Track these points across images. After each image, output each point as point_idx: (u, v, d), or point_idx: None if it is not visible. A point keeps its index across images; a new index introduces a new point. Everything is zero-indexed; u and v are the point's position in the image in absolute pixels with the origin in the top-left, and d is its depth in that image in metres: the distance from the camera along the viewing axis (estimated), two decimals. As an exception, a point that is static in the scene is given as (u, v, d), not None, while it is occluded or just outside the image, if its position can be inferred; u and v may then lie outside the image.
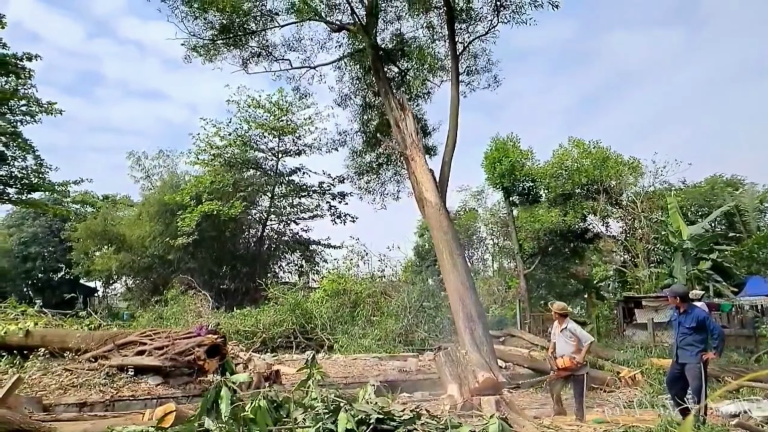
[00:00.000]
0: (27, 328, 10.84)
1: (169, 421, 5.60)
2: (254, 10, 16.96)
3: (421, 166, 11.60)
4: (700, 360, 7.56)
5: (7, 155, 22.07)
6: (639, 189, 24.42)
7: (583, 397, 8.39)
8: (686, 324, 7.80)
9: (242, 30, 17.48)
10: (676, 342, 8.01)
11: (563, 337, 8.75)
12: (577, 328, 8.63)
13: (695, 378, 7.59)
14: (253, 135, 29.00)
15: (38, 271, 39.31)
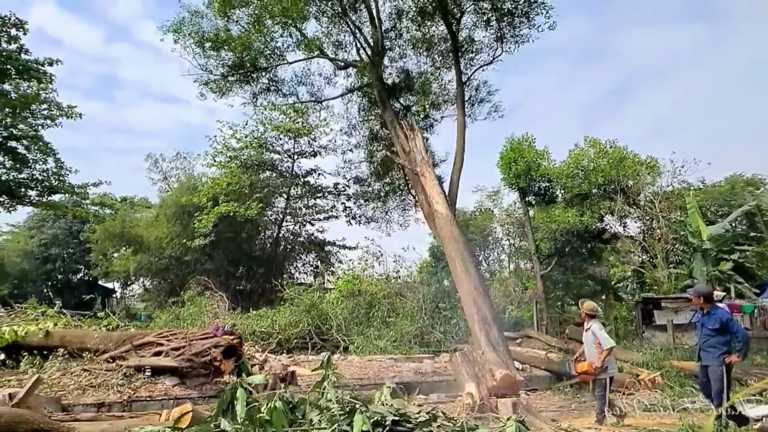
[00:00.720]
0: (47, 328, 10.97)
1: (185, 421, 5.61)
2: (264, 48, 17.38)
3: (431, 181, 12.15)
4: (723, 362, 7.41)
5: (28, 158, 22.39)
6: (657, 189, 24.09)
7: (604, 400, 8.22)
8: (709, 325, 7.66)
9: (252, 67, 17.81)
10: (699, 343, 7.86)
11: (586, 338, 8.63)
12: (599, 331, 8.40)
13: (717, 380, 7.45)
14: (269, 137, 29.12)
15: (58, 273, 39.84)
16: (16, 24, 19.94)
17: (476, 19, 17.90)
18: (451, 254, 11.16)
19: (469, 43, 18.18)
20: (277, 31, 17.12)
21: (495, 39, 17.74)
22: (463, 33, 18.03)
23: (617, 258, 27.77)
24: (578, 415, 9.64)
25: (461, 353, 10.63)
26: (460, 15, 17.19)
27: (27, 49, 20.58)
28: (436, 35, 18.37)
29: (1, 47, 20.07)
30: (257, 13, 16.57)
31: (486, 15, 17.54)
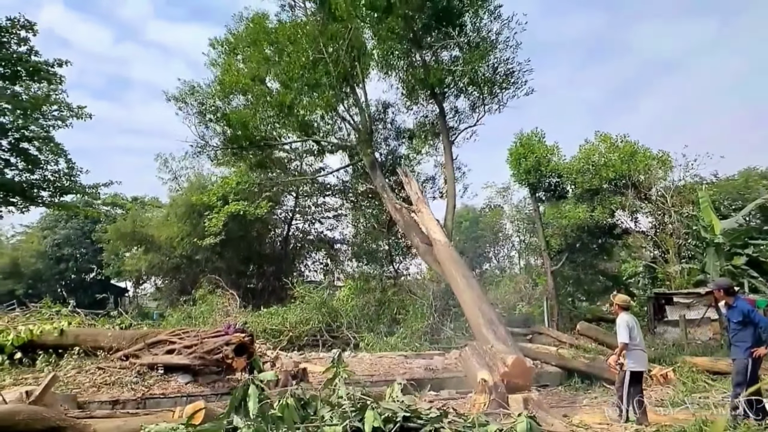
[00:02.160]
0: (61, 327, 11.08)
1: (198, 418, 5.67)
2: (260, 128, 18.41)
3: (428, 215, 13.59)
4: (749, 356, 7.34)
5: (40, 159, 22.59)
6: (669, 183, 23.83)
7: (620, 395, 8.07)
8: (734, 319, 7.60)
9: (248, 143, 18.84)
10: (729, 338, 7.79)
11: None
12: (620, 326, 8.25)
13: (738, 373, 7.40)
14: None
15: (71, 272, 40.22)
16: (26, 26, 20.13)
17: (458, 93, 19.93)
18: (452, 273, 11.91)
19: (454, 111, 20.30)
20: (272, 116, 18.30)
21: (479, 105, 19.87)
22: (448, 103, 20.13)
23: (628, 253, 27.59)
24: (589, 411, 9.62)
25: (470, 347, 10.66)
26: (443, 94, 19.09)
27: (37, 51, 20.80)
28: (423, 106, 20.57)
29: (12, 49, 20.25)
30: (253, 101, 17.97)
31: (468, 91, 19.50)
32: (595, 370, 12.86)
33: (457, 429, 5.46)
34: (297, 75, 17.33)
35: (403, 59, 18.21)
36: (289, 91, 17.62)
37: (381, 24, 16.87)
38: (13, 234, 44.44)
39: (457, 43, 18.08)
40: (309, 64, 17.46)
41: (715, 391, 11.05)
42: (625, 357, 8.09)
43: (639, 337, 8.19)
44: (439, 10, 17.73)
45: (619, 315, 8.36)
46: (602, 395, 11.40)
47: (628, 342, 8.00)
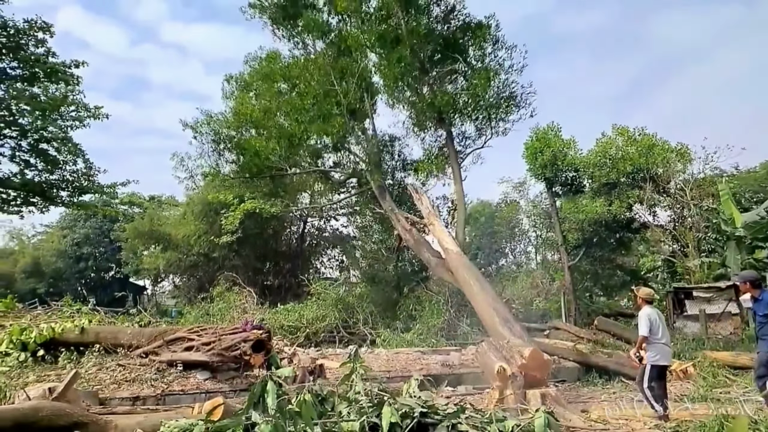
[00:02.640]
0: (82, 325, 11.23)
1: (217, 414, 5.72)
2: (270, 158, 18.81)
3: (439, 228, 14.10)
4: None
5: (59, 159, 22.84)
6: (688, 176, 23.51)
7: (642, 390, 7.90)
8: (760, 312, 7.47)
9: (260, 170, 19.38)
10: (756, 332, 7.65)
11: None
12: (640, 319, 8.08)
13: (762, 365, 7.29)
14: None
15: (90, 271, 40.77)
16: (43, 27, 20.33)
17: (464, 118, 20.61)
18: (466, 278, 12.16)
19: (461, 137, 21.04)
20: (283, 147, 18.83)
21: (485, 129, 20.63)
22: (455, 128, 20.85)
23: (647, 248, 27.28)
24: (608, 406, 9.54)
25: (487, 342, 10.64)
26: (450, 119, 19.87)
27: (54, 52, 21.00)
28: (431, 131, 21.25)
29: (29, 51, 20.50)
30: (266, 134, 18.56)
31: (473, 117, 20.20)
32: (613, 365, 12.75)
33: (474, 425, 5.44)
34: (309, 105, 18.05)
35: (411, 86, 18.87)
36: (299, 123, 18.26)
37: (390, 55, 17.72)
38: (35, 234, 45.23)
39: (462, 73, 19.25)
40: (320, 95, 18.19)
41: (736, 386, 10.90)
42: (645, 350, 7.97)
43: (662, 331, 7.98)
44: (444, 41, 18.83)
45: (642, 308, 8.20)
46: (621, 390, 11.30)
47: (647, 335, 7.86)
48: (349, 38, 18.85)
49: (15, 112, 20.92)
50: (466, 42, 19.39)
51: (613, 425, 7.43)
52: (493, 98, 19.26)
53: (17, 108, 20.87)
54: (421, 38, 17.92)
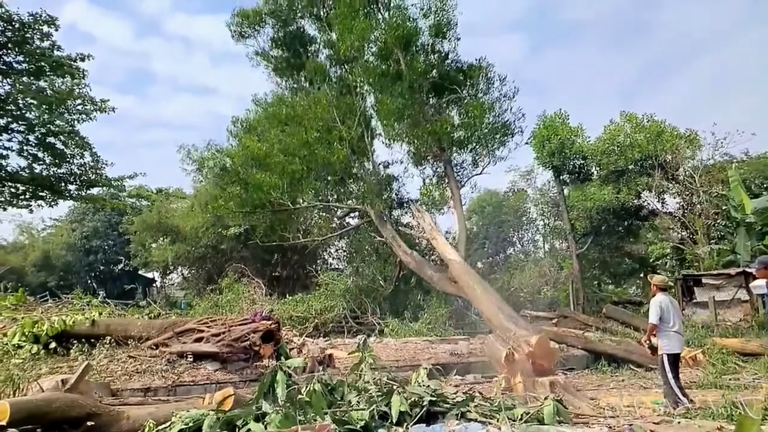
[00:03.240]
0: (93, 317, 11.32)
1: (228, 404, 5.76)
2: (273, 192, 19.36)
3: (442, 241, 14.87)
4: None
5: (66, 153, 22.95)
6: (697, 163, 23.33)
7: (665, 380, 7.75)
8: None
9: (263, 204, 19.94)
10: (766, 319, 7.57)
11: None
12: (651, 306, 7.98)
13: None
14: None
15: (100, 264, 41.03)
16: (48, 21, 20.35)
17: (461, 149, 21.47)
18: (469, 283, 12.88)
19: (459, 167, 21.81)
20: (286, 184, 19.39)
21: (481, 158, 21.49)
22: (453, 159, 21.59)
23: (655, 235, 27.13)
24: (617, 394, 9.54)
25: (494, 335, 10.66)
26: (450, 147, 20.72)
27: (59, 46, 21.03)
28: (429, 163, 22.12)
29: (35, 45, 20.52)
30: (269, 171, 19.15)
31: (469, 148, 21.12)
32: (622, 353, 12.74)
33: (483, 413, 5.46)
34: (313, 139, 18.80)
35: (411, 116, 19.55)
36: (302, 159, 19.03)
37: (391, 88, 18.73)
38: (44, 227, 45.51)
39: (459, 105, 20.45)
40: (323, 130, 19.05)
41: (745, 373, 10.87)
42: (657, 338, 7.91)
43: (674, 319, 7.86)
44: (441, 77, 20.14)
45: (656, 295, 8.09)
46: (630, 378, 11.30)
47: (656, 323, 7.80)
48: (352, 77, 20.03)
49: (22, 106, 21.02)
50: (460, 80, 20.62)
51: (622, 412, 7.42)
52: (488, 129, 20.16)
53: (24, 102, 20.95)
54: (419, 74, 19.02)
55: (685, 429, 5.59)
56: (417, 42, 19.96)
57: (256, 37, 24.16)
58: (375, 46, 19.91)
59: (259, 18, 23.43)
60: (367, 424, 4.89)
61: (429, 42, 20.47)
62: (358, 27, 18.87)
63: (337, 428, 4.65)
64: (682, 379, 8.08)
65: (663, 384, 7.90)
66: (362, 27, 18.94)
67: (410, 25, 19.53)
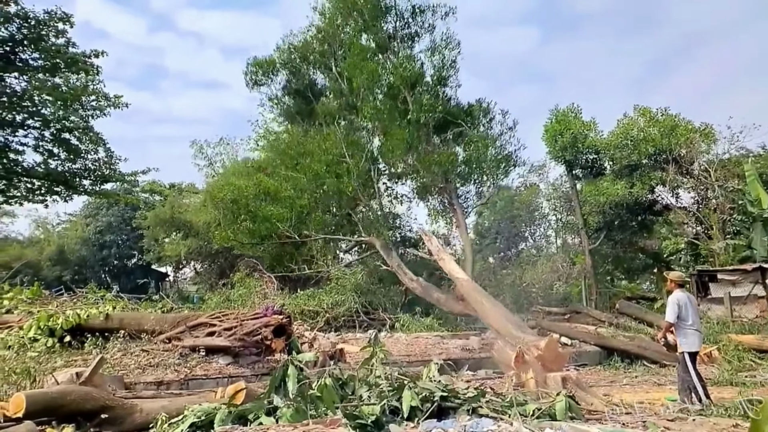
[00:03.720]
0: (106, 311, 11.42)
1: (240, 398, 5.79)
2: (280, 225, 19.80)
3: (449, 261, 15.32)
4: None
5: (81, 149, 23.13)
6: (712, 157, 23.04)
7: (684, 378, 7.63)
8: None
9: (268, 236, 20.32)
10: None
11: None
12: (669, 303, 7.86)
13: None
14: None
15: (113, 258, 41.36)
16: (63, 18, 20.50)
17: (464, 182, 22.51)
18: (478, 299, 13.01)
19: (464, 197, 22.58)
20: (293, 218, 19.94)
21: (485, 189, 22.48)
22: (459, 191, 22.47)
23: (670, 230, 26.87)
24: (630, 390, 9.48)
25: (503, 341, 10.66)
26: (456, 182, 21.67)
27: (74, 42, 21.18)
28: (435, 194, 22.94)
29: (50, 42, 20.69)
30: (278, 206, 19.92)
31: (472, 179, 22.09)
32: (635, 349, 12.65)
33: (495, 408, 5.44)
34: (323, 171, 19.50)
35: (417, 149, 20.45)
36: (311, 193, 19.88)
37: (398, 123, 19.78)
38: (59, 222, 45.93)
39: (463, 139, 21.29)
40: (333, 163, 19.80)
41: (762, 370, 10.75)
42: (675, 336, 7.80)
43: (692, 317, 7.74)
44: (445, 115, 20.91)
45: (673, 292, 7.97)
46: (643, 374, 11.22)
47: (672, 322, 7.67)
48: (360, 114, 20.98)
49: (37, 102, 21.20)
50: (463, 117, 21.50)
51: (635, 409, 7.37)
52: (491, 161, 20.94)
53: (39, 99, 21.13)
54: (425, 111, 19.93)
55: (700, 427, 5.54)
56: (423, 82, 21.22)
57: (270, 85, 25.39)
58: (383, 86, 21.09)
59: (272, 67, 24.58)
60: (378, 418, 4.89)
61: (434, 83, 21.60)
62: (368, 68, 20.09)
63: (348, 423, 4.65)
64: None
65: (678, 381, 7.82)
66: (372, 68, 20.16)
67: (417, 70, 20.92)
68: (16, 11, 19.66)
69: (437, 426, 4.79)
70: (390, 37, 21.80)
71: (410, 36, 22.08)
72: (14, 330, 10.69)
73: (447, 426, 4.76)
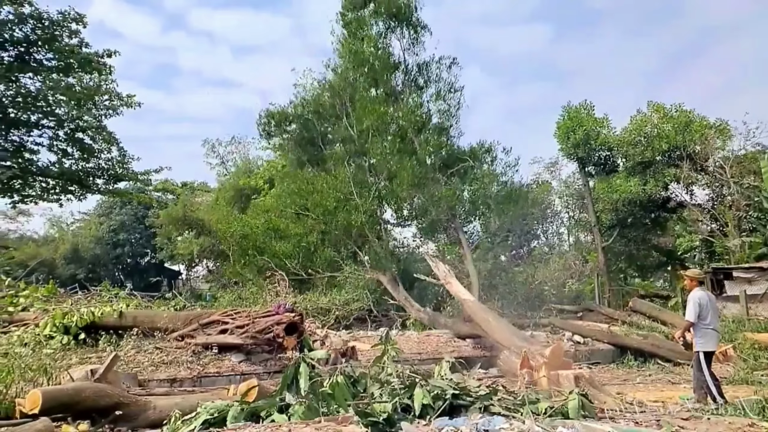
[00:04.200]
0: (120, 309, 11.52)
1: (252, 395, 5.81)
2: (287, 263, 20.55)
3: (456, 285, 15.69)
4: None
5: (94, 148, 23.35)
6: (728, 153, 22.79)
7: (700, 377, 7.50)
8: None
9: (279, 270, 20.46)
10: None
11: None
12: (689, 302, 7.69)
13: None
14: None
15: (127, 257, 41.74)
16: (76, 18, 20.70)
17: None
18: (484, 317, 13.16)
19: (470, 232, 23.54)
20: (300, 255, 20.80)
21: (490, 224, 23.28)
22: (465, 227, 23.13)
23: (684, 227, 26.62)
24: (643, 389, 9.41)
25: (508, 351, 10.62)
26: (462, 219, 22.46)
27: (87, 42, 21.37)
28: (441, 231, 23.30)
29: (64, 42, 20.88)
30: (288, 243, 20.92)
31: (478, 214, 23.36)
32: (648, 347, 12.55)
33: (507, 406, 5.42)
34: (332, 208, 20.29)
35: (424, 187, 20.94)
36: (319, 229, 20.82)
37: (407, 162, 20.37)
38: (73, 221, 46.43)
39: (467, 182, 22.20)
40: (342, 200, 20.56)
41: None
42: (692, 335, 7.69)
43: (711, 316, 7.60)
44: (450, 155, 21.95)
45: (693, 290, 7.81)
46: (657, 373, 11.12)
47: (694, 321, 7.49)
48: (368, 155, 21.85)
49: (52, 102, 21.41)
50: (467, 158, 22.19)
51: (649, 408, 7.31)
52: (496, 197, 21.72)
53: (54, 98, 21.34)
54: (431, 152, 21.13)
55: (715, 426, 5.48)
56: (429, 126, 22.45)
57: (282, 135, 26.49)
58: (391, 129, 22.18)
59: (284, 118, 25.56)
60: (390, 416, 4.89)
61: (439, 128, 22.67)
62: (377, 112, 20.93)
63: (360, 420, 4.66)
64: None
65: (694, 380, 7.73)
66: (380, 112, 21.05)
67: (424, 116, 22.15)
68: (30, 12, 19.86)
69: (449, 424, 4.78)
70: (398, 91, 22.96)
71: (418, 86, 23.31)
72: (30, 327, 10.80)
73: (459, 424, 4.75)
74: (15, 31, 19.98)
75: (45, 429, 4.91)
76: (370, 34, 22.43)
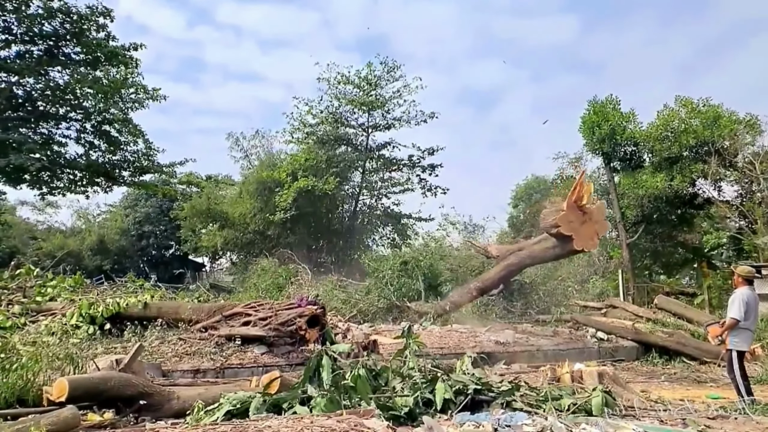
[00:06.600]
0: (145, 300, 11.67)
1: (274, 387, 5.84)
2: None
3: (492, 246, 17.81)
4: None
5: (120, 141, 23.73)
6: (758, 149, 22.24)
7: (733, 377, 7.35)
8: None
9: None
10: None
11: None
12: (734, 299, 7.45)
13: None
14: (344, 111, 29.52)
15: (152, 249, 42.28)
16: (103, 12, 21.02)
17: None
18: (512, 248, 15.70)
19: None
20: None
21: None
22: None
23: (711, 224, 26.10)
24: (668, 387, 9.26)
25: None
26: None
27: (114, 36, 21.69)
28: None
29: (91, 36, 21.21)
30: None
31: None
32: (674, 345, 12.35)
33: (529, 402, 5.38)
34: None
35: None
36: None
37: None
38: (99, 213, 47.22)
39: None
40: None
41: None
42: (727, 334, 7.41)
43: (753, 317, 7.42)
44: None
45: (740, 288, 7.56)
46: (682, 371, 10.95)
47: (740, 319, 7.24)
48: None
49: (79, 95, 21.79)
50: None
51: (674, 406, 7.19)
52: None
53: (81, 92, 21.71)
54: None
55: (742, 425, 5.38)
56: None
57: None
58: None
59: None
60: (412, 410, 4.89)
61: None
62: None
63: (382, 413, 4.66)
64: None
65: (731, 379, 7.56)
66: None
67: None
68: (59, 6, 20.21)
69: (471, 419, 4.76)
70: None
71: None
72: (58, 317, 11.02)
73: (481, 419, 4.73)
74: (44, 26, 20.36)
75: (71, 417, 4.99)
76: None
